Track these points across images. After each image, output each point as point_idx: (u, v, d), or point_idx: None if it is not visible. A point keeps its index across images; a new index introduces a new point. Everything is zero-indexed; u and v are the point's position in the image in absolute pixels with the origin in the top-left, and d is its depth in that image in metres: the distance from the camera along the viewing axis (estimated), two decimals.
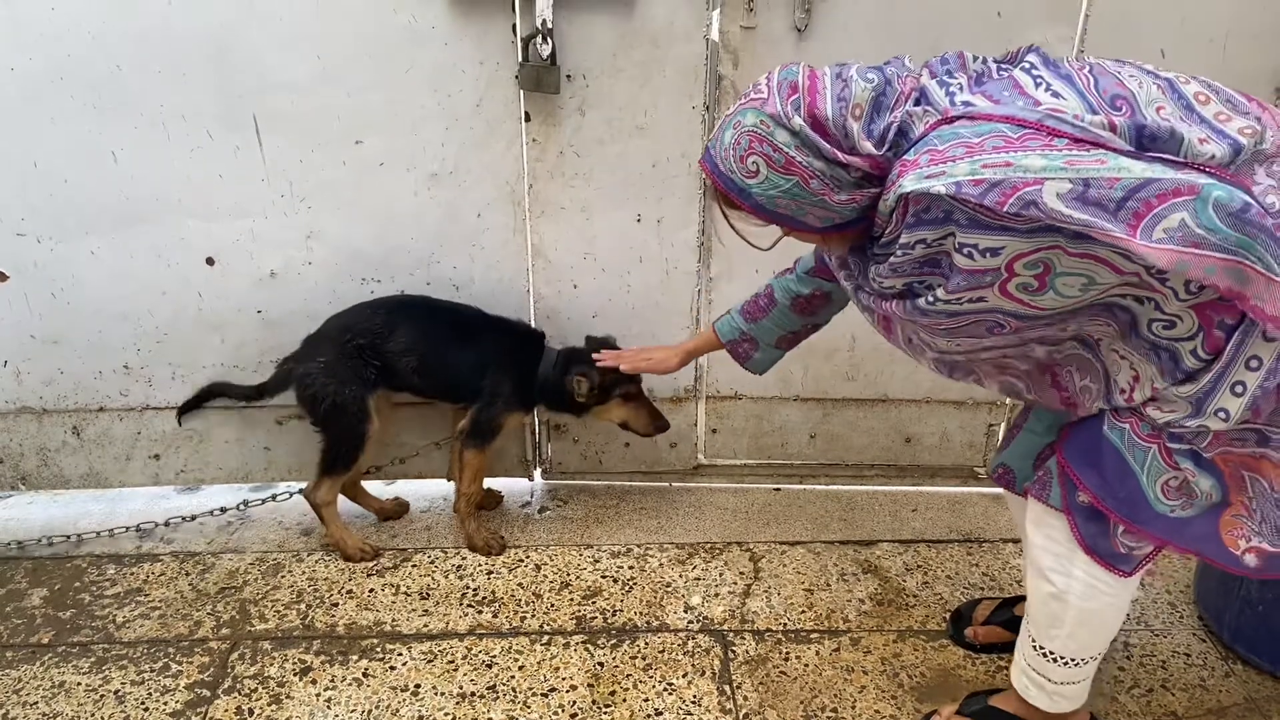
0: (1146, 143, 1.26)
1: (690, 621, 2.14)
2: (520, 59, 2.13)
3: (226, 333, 2.41)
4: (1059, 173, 1.19)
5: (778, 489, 2.67)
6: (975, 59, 1.45)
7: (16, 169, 2.20)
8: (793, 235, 1.55)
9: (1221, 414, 1.32)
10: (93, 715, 1.87)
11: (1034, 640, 1.68)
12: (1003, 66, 1.43)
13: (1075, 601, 1.58)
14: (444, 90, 2.18)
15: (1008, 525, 2.48)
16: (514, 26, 2.12)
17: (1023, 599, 2.05)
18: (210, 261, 2.32)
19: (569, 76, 2.17)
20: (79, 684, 1.95)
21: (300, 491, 2.35)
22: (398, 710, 1.88)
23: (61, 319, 2.36)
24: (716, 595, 2.22)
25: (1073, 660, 1.65)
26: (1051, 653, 1.65)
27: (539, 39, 2.09)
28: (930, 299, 1.36)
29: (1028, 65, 1.38)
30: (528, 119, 2.22)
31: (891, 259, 1.38)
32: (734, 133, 1.40)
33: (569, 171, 2.29)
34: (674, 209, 2.32)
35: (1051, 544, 1.58)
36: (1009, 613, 2.07)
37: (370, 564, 2.32)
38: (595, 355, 2.26)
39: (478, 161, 2.26)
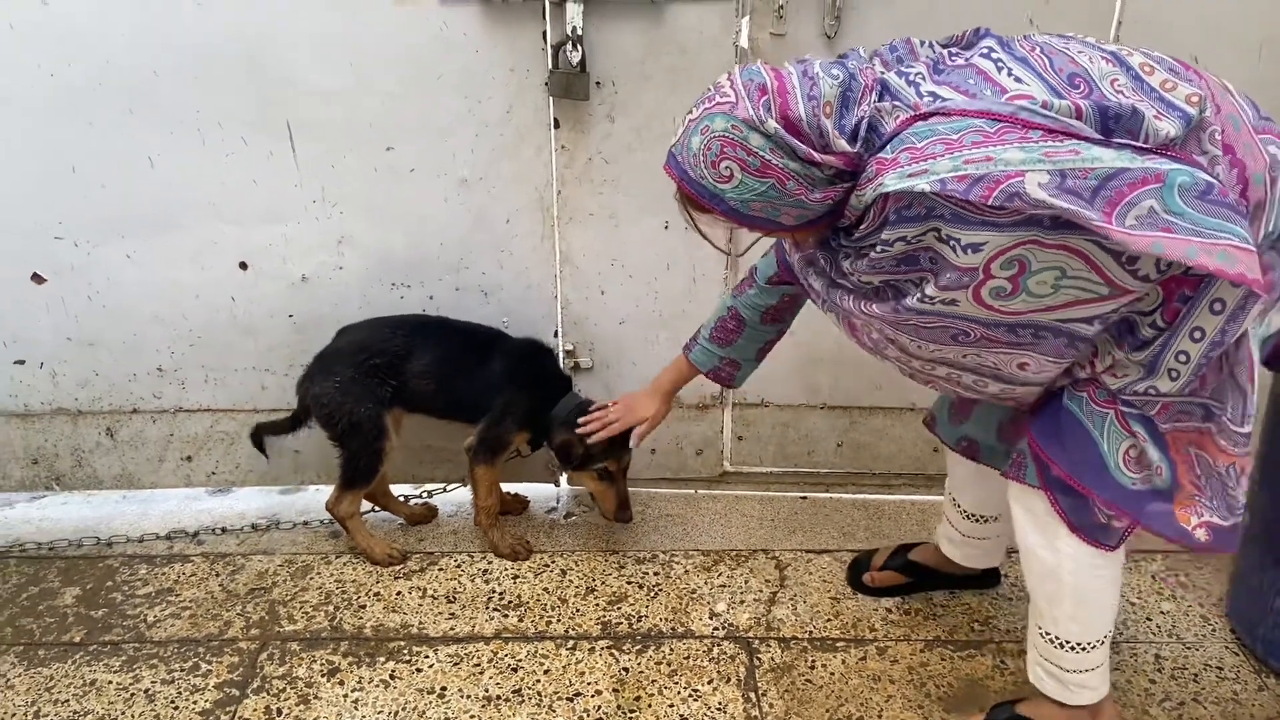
0: (1111, 124, 1.29)
1: (716, 628, 2.13)
2: (550, 66, 2.15)
3: (258, 336, 2.44)
4: (1038, 164, 1.22)
5: (804, 497, 2.66)
6: (923, 44, 1.48)
7: (55, 174, 2.24)
8: (767, 236, 1.58)
9: (1172, 374, 1.39)
10: (123, 714, 1.89)
11: (1041, 628, 1.71)
12: (955, 52, 1.45)
13: (1068, 578, 1.62)
14: (474, 97, 2.20)
15: None
16: (544, 34, 2.13)
17: (918, 544, 2.23)
18: (243, 266, 2.36)
19: (598, 83, 2.18)
20: (110, 682, 1.98)
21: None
22: (424, 712, 1.89)
23: (97, 322, 2.40)
24: (742, 602, 2.22)
25: (1080, 645, 1.67)
26: (1058, 638, 1.68)
27: (569, 46, 2.10)
28: (920, 295, 1.38)
29: (986, 50, 1.41)
30: (557, 126, 2.24)
31: (871, 255, 1.40)
32: (702, 138, 1.40)
33: (597, 178, 2.30)
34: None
35: (1034, 519, 1.64)
36: (903, 558, 2.22)
37: (398, 567, 2.33)
38: (581, 419, 2.22)
39: (507, 168, 2.28)
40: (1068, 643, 1.67)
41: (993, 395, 1.58)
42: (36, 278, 2.34)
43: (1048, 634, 1.69)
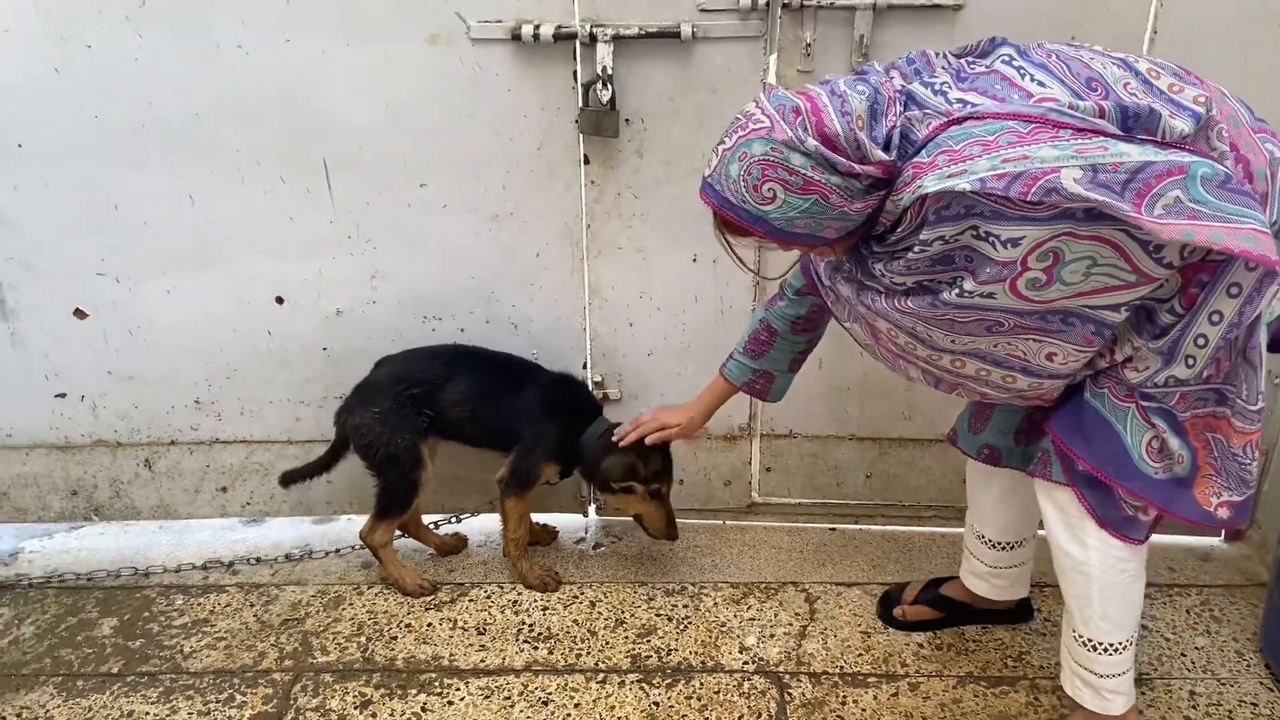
0: (1131, 123, 1.36)
1: (745, 662, 2.13)
2: (580, 104, 2.18)
3: (293, 369, 2.48)
4: (1071, 160, 1.27)
5: (833, 529, 2.65)
6: (938, 55, 1.55)
7: (98, 212, 2.29)
8: (809, 252, 1.62)
9: (1189, 361, 1.46)
10: None
11: (1075, 632, 1.76)
12: (972, 61, 1.52)
13: (1097, 574, 1.68)
14: (506, 135, 2.24)
15: None
16: (575, 73, 2.17)
17: (950, 578, 2.23)
18: (280, 300, 2.40)
19: (628, 120, 2.21)
20: (147, 713, 2.01)
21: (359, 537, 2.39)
22: None
23: (137, 355, 2.45)
24: (772, 636, 2.21)
25: (1112, 646, 1.74)
26: (1090, 640, 1.74)
27: (599, 85, 2.13)
28: (959, 290, 1.42)
29: (1007, 57, 1.48)
30: (586, 162, 2.27)
31: (909, 255, 1.44)
32: (741, 164, 1.43)
33: (626, 212, 2.32)
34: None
35: (1062, 515, 1.70)
36: (934, 591, 2.24)
37: (428, 598, 2.35)
38: (618, 431, 2.25)
39: (537, 203, 2.31)
40: (1100, 644, 1.74)
41: (1019, 391, 1.61)
42: (79, 313, 2.40)
43: (1080, 636, 1.75)
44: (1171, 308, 1.45)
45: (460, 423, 2.30)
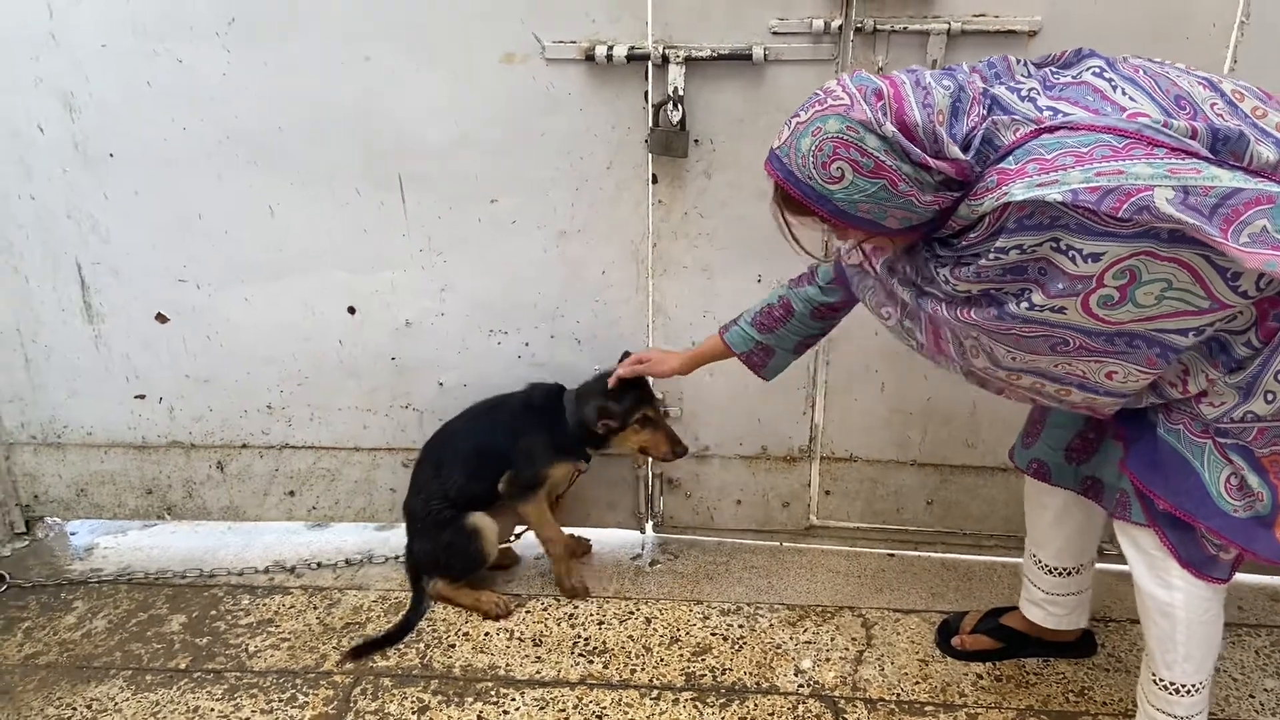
0: (1219, 146, 1.33)
1: (801, 685, 2.12)
2: (650, 124, 2.20)
3: (362, 378, 2.53)
4: (1164, 180, 1.25)
5: (892, 554, 2.63)
6: (1019, 62, 1.52)
7: (183, 221, 2.38)
8: (866, 240, 1.58)
9: (1269, 396, 1.42)
10: None
11: (1155, 677, 1.73)
12: (1056, 71, 1.50)
13: (1182, 615, 1.65)
14: (576, 153, 2.27)
15: (1133, 604, 2.39)
16: (646, 94, 2.20)
17: (1009, 609, 2.19)
18: (351, 310, 2.46)
19: (697, 141, 2.23)
20: (212, 710, 2.06)
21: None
22: None
23: (214, 360, 2.53)
24: (828, 660, 2.20)
25: (1193, 687, 1.71)
26: (1172, 684, 1.71)
27: (669, 105, 2.16)
28: (1027, 303, 1.39)
29: (1097, 69, 1.46)
30: (654, 181, 2.29)
31: (982, 261, 1.41)
32: (813, 139, 1.40)
33: (692, 232, 2.34)
34: (795, 270, 2.32)
35: (1144, 556, 1.67)
36: (994, 621, 2.20)
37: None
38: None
39: (605, 221, 2.34)
40: (1183, 687, 1.71)
41: (1072, 404, 1.58)
42: (160, 317, 2.48)
43: (1160, 680, 1.72)
44: (1248, 340, 1.42)
45: (469, 486, 2.34)
